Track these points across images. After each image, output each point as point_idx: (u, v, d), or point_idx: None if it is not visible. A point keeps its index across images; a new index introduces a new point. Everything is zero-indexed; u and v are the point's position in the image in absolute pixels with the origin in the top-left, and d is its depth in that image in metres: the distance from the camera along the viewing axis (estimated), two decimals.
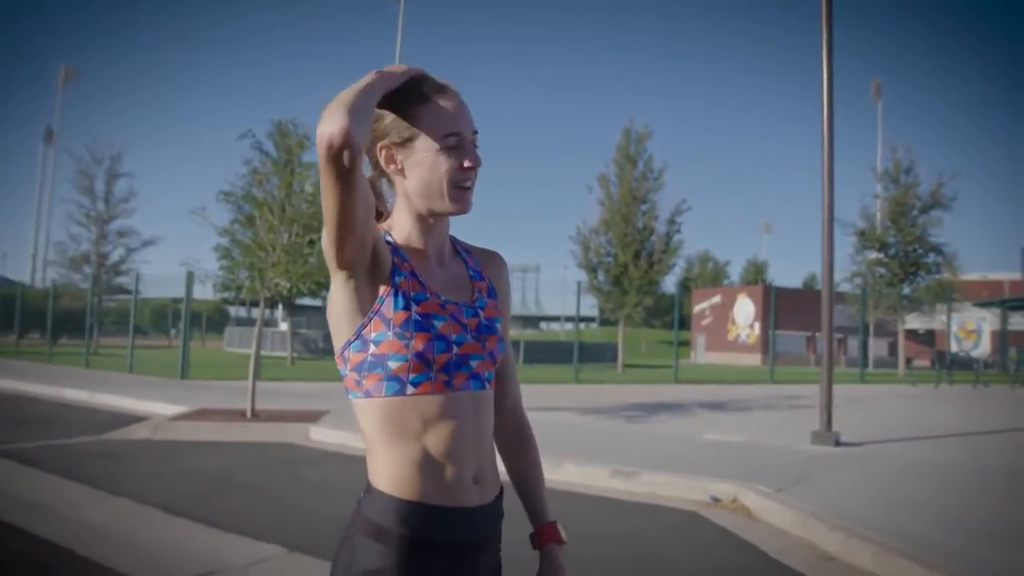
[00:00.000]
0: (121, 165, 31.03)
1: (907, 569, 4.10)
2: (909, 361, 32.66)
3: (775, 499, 5.60)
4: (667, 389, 18.73)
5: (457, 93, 1.30)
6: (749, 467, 6.90)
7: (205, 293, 36.75)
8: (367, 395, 1.22)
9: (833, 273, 9.33)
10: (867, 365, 26.87)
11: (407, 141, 1.26)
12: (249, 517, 5.18)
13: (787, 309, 34.88)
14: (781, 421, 11.40)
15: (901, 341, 32.26)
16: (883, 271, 31.33)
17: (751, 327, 50.34)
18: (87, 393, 12.61)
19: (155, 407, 11.03)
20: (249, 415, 9.56)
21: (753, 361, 45.65)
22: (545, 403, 12.89)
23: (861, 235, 31.48)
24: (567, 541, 1.45)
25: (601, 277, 28.55)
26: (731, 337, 51.83)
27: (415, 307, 1.21)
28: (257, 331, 10.44)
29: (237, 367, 19.58)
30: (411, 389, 1.21)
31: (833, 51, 9.20)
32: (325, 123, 1.04)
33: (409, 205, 1.30)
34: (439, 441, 1.23)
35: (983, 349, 46.48)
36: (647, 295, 27.91)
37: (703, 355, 52.82)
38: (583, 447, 8.02)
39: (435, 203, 1.28)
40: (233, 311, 50.90)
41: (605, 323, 52.02)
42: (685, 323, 50.04)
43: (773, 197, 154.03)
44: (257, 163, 9.95)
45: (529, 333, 72.36)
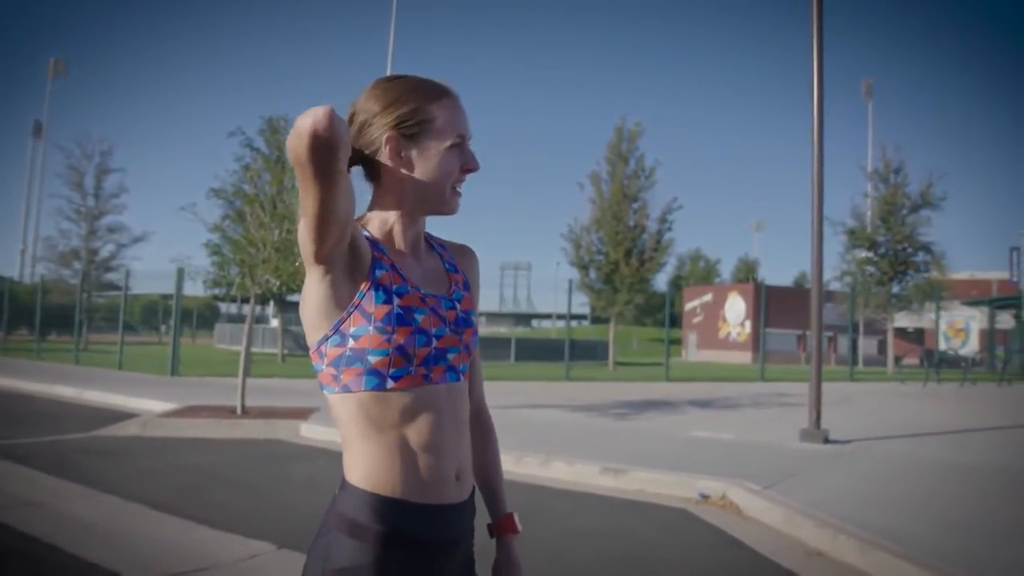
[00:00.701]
0: (112, 160, 30.76)
1: (894, 565, 4.13)
2: (898, 359, 32.85)
3: (763, 496, 5.63)
4: (658, 387, 18.78)
5: (459, 97, 1.33)
6: (738, 464, 6.93)
7: (195, 290, 36.30)
8: (345, 390, 1.21)
9: (822, 272, 9.37)
10: (856, 363, 26.98)
11: (416, 136, 1.26)
12: (238, 514, 5.18)
13: (778, 307, 35.01)
14: (771, 419, 11.45)
15: (890, 339, 32.42)
16: (873, 270, 31.47)
17: (742, 325, 50.50)
18: (76, 390, 12.57)
19: (145, 404, 10.98)
20: (239, 412, 9.54)
21: (744, 359, 45.79)
22: (535, 401, 12.91)
23: (851, 234, 31.60)
24: (521, 531, 1.47)
25: (592, 275, 28.59)
26: (722, 335, 51.97)
27: (397, 300, 1.21)
28: (247, 328, 10.42)
29: (227, 364, 19.54)
30: (391, 383, 1.20)
31: (824, 51, 9.24)
32: (308, 116, 1.00)
33: (398, 199, 1.29)
34: (418, 435, 1.23)
35: (971, 348, 46.73)
36: (638, 293, 27.96)
37: (694, 353, 52.97)
38: (573, 444, 8.04)
39: (431, 201, 1.29)
40: (223, 308, 50.71)
41: (596, 321, 52.06)
42: (676, 321, 50.16)
43: (764, 195, 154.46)
44: (248, 159, 9.94)
45: (520, 331, 72.24)
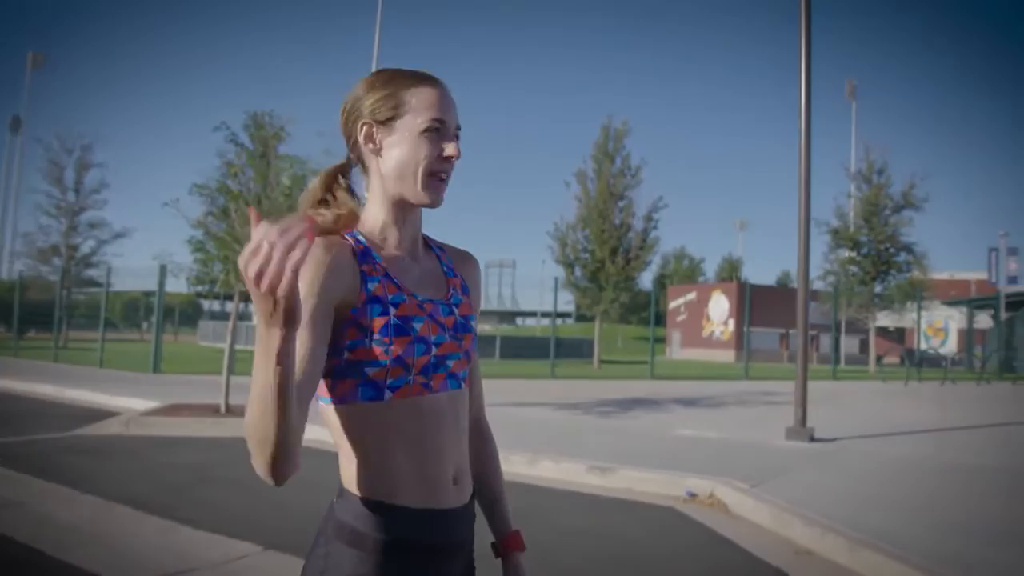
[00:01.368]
0: (92, 155, 30.57)
1: (882, 564, 4.14)
2: (879, 358, 33.14)
3: (751, 495, 5.64)
4: (643, 385, 18.82)
5: (445, 85, 1.27)
6: (725, 463, 6.94)
7: (178, 286, 36.10)
8: (340, 400, 1.17)
9: (809, 271, 9.41)
10: (839, 362, 27.18)
11: (389, 120, 1.23)
12: (223, 514, 5.11)
13: (761, 306, 35.18)
14: (756, 417, 11.49)
15: (872, 339, 32.70)
16: (856, 270, 31.74)
17: (725, 324, 50.74)
18: (56, 388, 12.41)
19: (127, 402, 10.86)
20: (223, 410, 9.46)
21: (727, 357, 46.02)
22: (521, 399, 12.89)
23: (835, 234, 31.88)
24: (527, 548, 1.43)
25: (578, 273, 28.61)
26: (706, 334, 52.20)
27: (393, 311, 1.17)
28: (232, 325, 10.32)
29: (211, 361, 19.38)
30: (389, 394, 1.16)
31: (812, 52, 9.28)
32: (256, 465, 0.98)
33: (383, 191, 1.25)
34: (419, 444, 1.19)
35: (950, 347, 47.20)
36: (624, 291, 28.01)
37: (678, 351, 53.19)
38: (560, 443, 8.03)
39: (408, 189, 1.23)
40: (207, 305, 50.49)
41: (581, 319, 52.12)
42: (660, 319, 50.31)
43: (748, 195, 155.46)
44: (232, 155, 9.85)
45: (505, 328, 72.27)
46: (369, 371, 1.15)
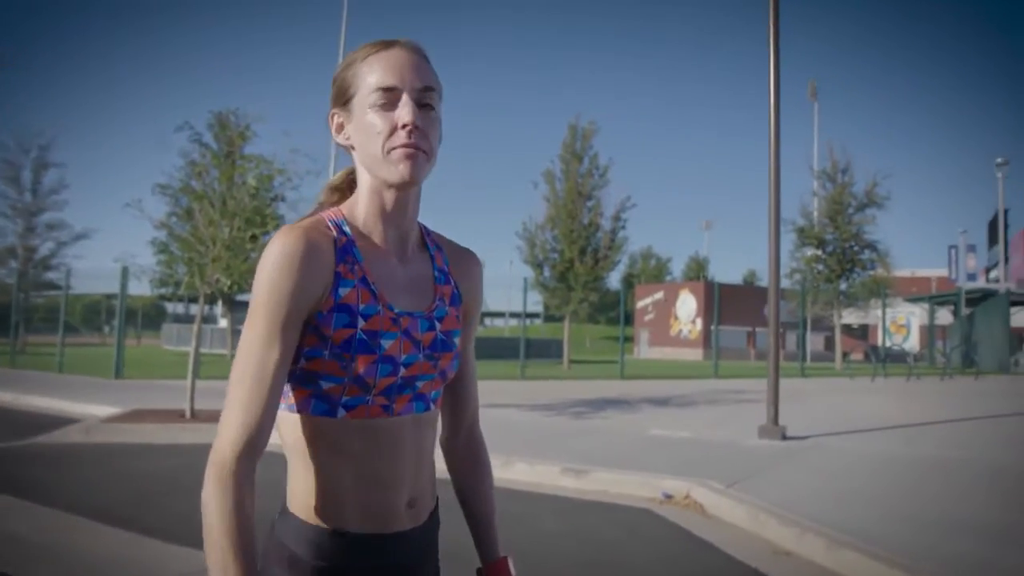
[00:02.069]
0: (51, 155, 29.83)
1: (859, 563, 4.13)
2: (845, 355, 33.61)
3: (727, 495, 5.62)
4: (613, 385, 18.85)
5: (409, 46, 1.13)
6: (699, 462, 6.92)
7: (141, 289, 35.77)
8: (291, 409, 1.08)
9: (779, 271, 9.46)
10: (805, 359, 27.53)
11: (347, 103, 1.12)
12: (188, 525, 4.93)
13: (728, 304, 35.50)
14: (727, 416, 11.53)
15: (838, 336, 33.16)
16: (821, 267, 32.18)
17: (693, 322, 51.18)
18: (13, 394, 12.05)
19: (88, 408, 10.58)
20: (188, 415, 9.24)
21: (695, 356, 46.42)
22: (492, 400, 12.81)
23: (800, 232, 32.27)
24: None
25: (547, 273, 28.62)
26: (673, 332, 52.61)
27: (361, 323, 1.06)
28: (196, 328, 10.08)
29: (175, 365, 19.07)
30: (342, 412, 1.07)
31: (780, 56, 9.31)
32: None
33: (364, 179, 1.15)
34: (370, 468, 1.09)
35: (912, 343, 48.07)
36: (593, 291, 28.08)
37: (646, 350, 53.52)
38: (532, 445, 7.96)
39: (379, 170, 1.10)
40: (171, 307, 49.63)
41: (550, 319, 52.13)
42: (628, 319, 50.57)
43: (713, 194, 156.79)
44: (196, 155, 9.64)
45: None
46: (324, 385, 1.06)
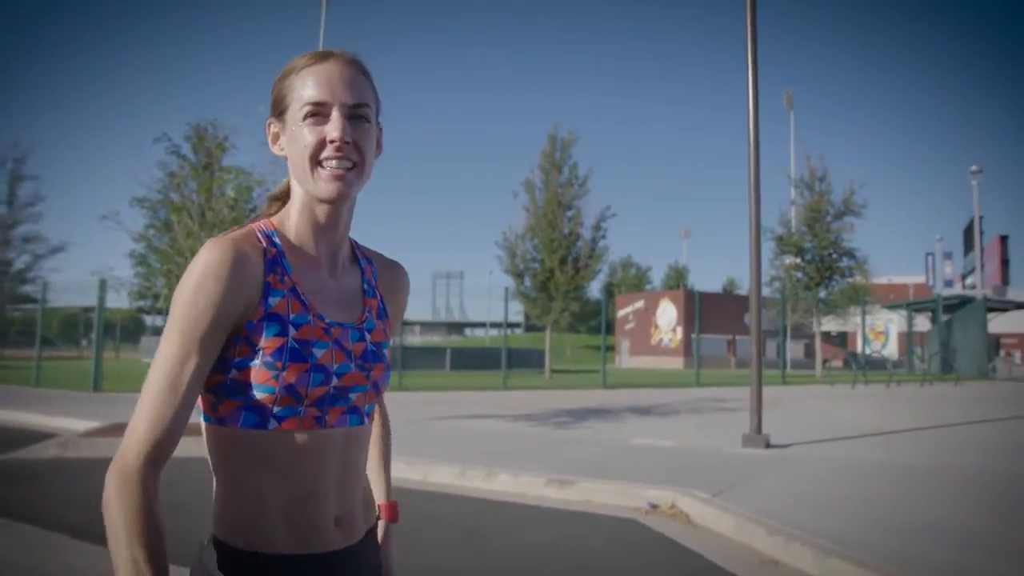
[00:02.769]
0: (26, 167, 29.49)
1: (847, 572, 4.12)
2: (824, 362, 33.89)
3: (713, 504, 5.60)
4: (595, 394, 18.84)
5: (344, 59, 1.12)
6: (683, 472, 6.91)
7: (119, 302, 35.47)
8: (220, 422, 1.05)
9: (761, 279, 9.50)
10: (786, 366, 27.70)
11: (282, 114, 1.12)
12: (172, 540, 4.86)
13: (708, 313, 35.70)
14: (709, 424, 11.54)
15: (818, 343, 33.40)
16: (800, 275, 32.43)
17: (673, 331, 51.38)
18: None
19: (65, 423, 10.40)
20: None
21: (676, 364, 46.59)
22: (475, 411, 12.77)
23: (779, 240, 32.53)
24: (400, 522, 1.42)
25: (528, 283, 28.63)
26: (654, 341, 52.79)
27: (292, 332, 1.05)
28: None
29: None
30: (274, 424, 1.04)
31: (759, 64, 9.38)
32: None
33: (297, 191, 1.14)
34: (297, 483, 1.06)
35: (891, 350, 48.54)
36: (574, 301, 28.13)
37: (627, 359, 53.65)
38: (516, 455, 7.91)
39: (308, 185, 1.10)
40: (149, 320, 49.12)
41: (531, 329, 52.10)
42: (609, 328, 50.68)
43: (691, 203, 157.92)
44: (174, 167, 9.55)
45: (455, 340, 72.32)
46: (256, 395, 1.03)
